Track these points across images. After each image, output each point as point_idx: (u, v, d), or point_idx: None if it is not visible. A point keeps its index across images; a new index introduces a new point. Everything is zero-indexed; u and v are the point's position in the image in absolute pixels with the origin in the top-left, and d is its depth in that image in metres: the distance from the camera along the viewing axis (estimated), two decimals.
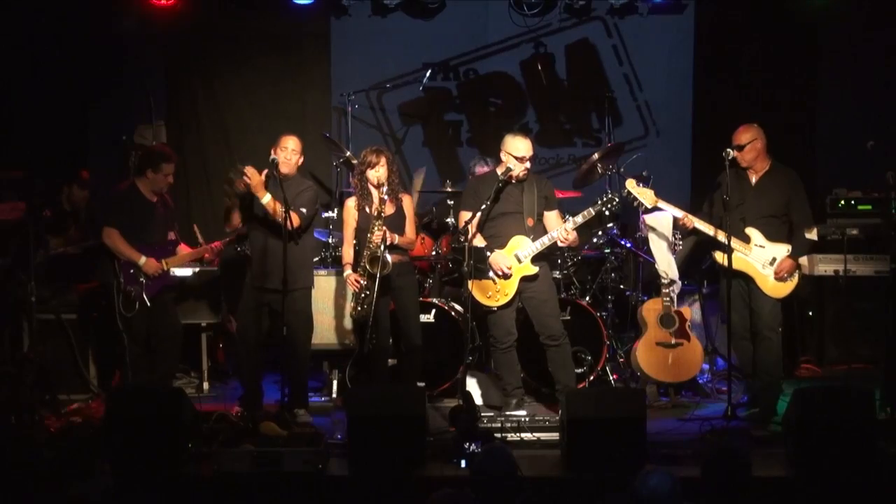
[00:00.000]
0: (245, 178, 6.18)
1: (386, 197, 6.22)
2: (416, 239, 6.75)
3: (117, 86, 8.47)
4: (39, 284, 6.66)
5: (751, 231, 6.32)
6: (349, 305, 6.61)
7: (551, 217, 6.39)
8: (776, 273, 6.30)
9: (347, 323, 7.14)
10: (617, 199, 6.32)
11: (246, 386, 6.52)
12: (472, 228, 6.26)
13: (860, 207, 8.02)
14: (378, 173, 6.33)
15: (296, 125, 8.13)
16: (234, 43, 8.59)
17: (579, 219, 6.21)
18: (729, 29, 8.49)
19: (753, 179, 6.40)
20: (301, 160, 6.45)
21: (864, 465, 5.20)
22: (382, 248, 6.17)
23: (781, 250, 6.33)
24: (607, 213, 6.35)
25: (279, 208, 6.07)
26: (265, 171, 6.23)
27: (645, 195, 6.38)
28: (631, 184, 6.39)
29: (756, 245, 6.32)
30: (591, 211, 6.27)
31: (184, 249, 6.81)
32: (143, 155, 6.92)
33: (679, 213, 6.42)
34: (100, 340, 7.20)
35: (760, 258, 6.33)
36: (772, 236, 6.36)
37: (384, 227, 6.19)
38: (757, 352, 6.42)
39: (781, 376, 6.56)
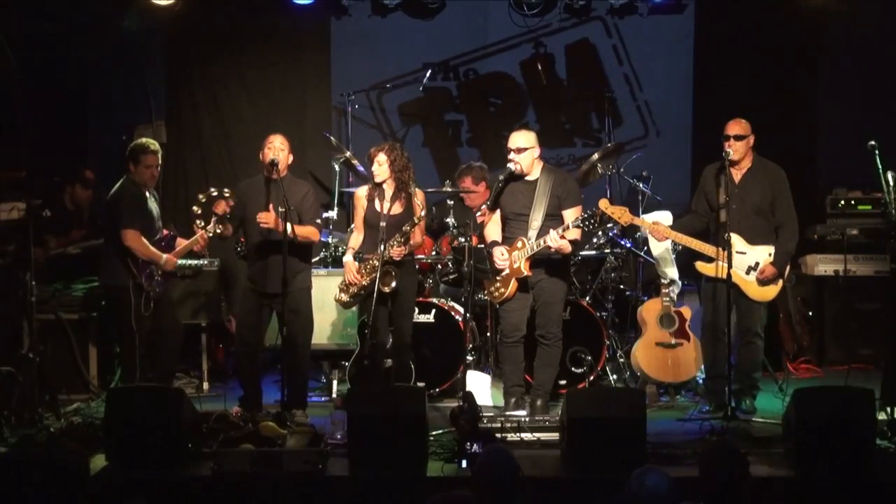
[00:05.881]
0: (226, 202, 6.18)
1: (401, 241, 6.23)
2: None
3: (117, 86, 8.49)
4: (39, 284, 6.65)
5: (733, 238, 6.17)
6: (336, 289, 6.54)
7: (567, 216, 6.24)
8: (758, 277, 6.27)
9: (347, 323, 7.14)
10: (595, 218, 6.09)
11: (246, 386, 6.51)
12: (486, 220, 6.29)
13: (860, 207, 8.04)
14: (374, 169, 6.31)
15: (296, 125, 8.16)
16: (234, 43, 8.59)
17: (560, 230, 6.09)
18: (729, 29, 8.48)
19: (737, 177, 6.32)
20: (290, 157, 6.40)
21: (864, 465, 5.20)
22: (394, 273, 6.21)
23: (763, 254, 6.29)
24: (586, 230, 6.24)
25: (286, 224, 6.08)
26: (269, 205, 6.21)
27: (619, 214, 6.29)
28: (604, 203, 6.22)
29: (737, 252, 6.22)
30: (570, 226, 6.15)
31: (180, 243, 6.78)
32: (126, 152, 6.87)
33: (649, 230, 6.42)
34: (100, 340, 7.20)
35: (742, 264, 6.26)
36: (757, 236, 6.29)
37: (402, 247, 6.22)
38: (740, 355, 6.41)
39: (760, 379, 6.55)
